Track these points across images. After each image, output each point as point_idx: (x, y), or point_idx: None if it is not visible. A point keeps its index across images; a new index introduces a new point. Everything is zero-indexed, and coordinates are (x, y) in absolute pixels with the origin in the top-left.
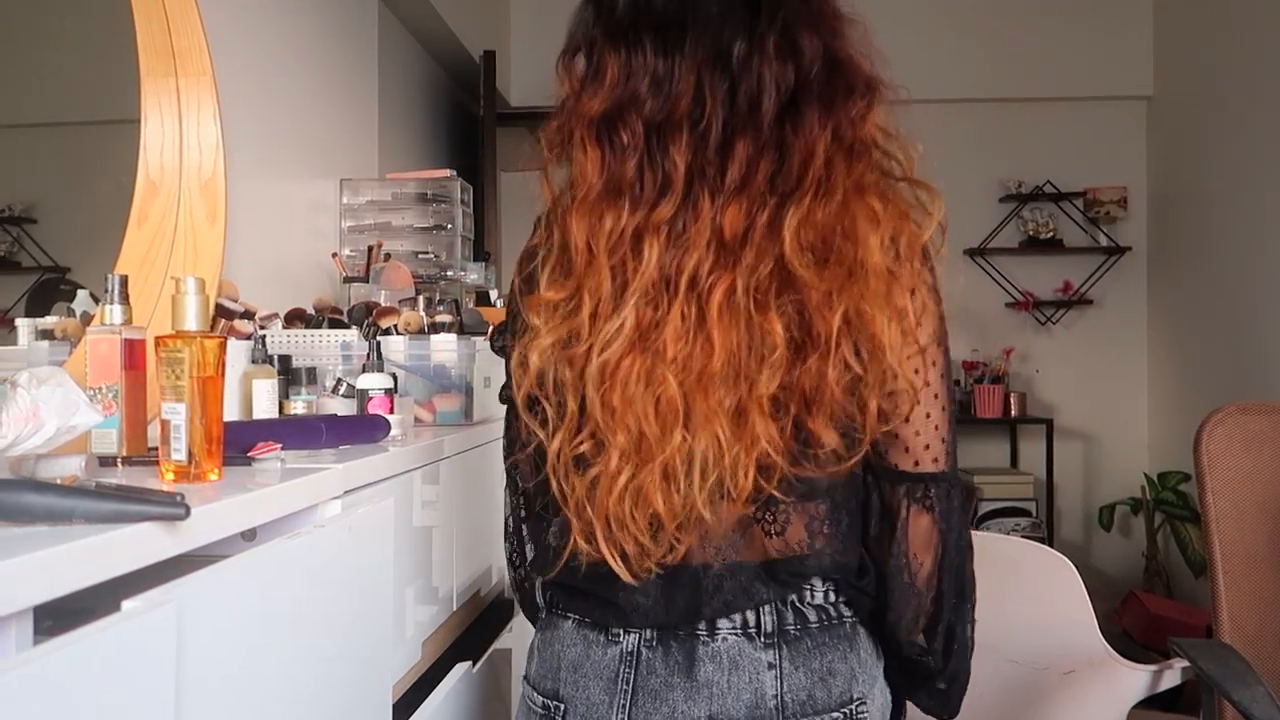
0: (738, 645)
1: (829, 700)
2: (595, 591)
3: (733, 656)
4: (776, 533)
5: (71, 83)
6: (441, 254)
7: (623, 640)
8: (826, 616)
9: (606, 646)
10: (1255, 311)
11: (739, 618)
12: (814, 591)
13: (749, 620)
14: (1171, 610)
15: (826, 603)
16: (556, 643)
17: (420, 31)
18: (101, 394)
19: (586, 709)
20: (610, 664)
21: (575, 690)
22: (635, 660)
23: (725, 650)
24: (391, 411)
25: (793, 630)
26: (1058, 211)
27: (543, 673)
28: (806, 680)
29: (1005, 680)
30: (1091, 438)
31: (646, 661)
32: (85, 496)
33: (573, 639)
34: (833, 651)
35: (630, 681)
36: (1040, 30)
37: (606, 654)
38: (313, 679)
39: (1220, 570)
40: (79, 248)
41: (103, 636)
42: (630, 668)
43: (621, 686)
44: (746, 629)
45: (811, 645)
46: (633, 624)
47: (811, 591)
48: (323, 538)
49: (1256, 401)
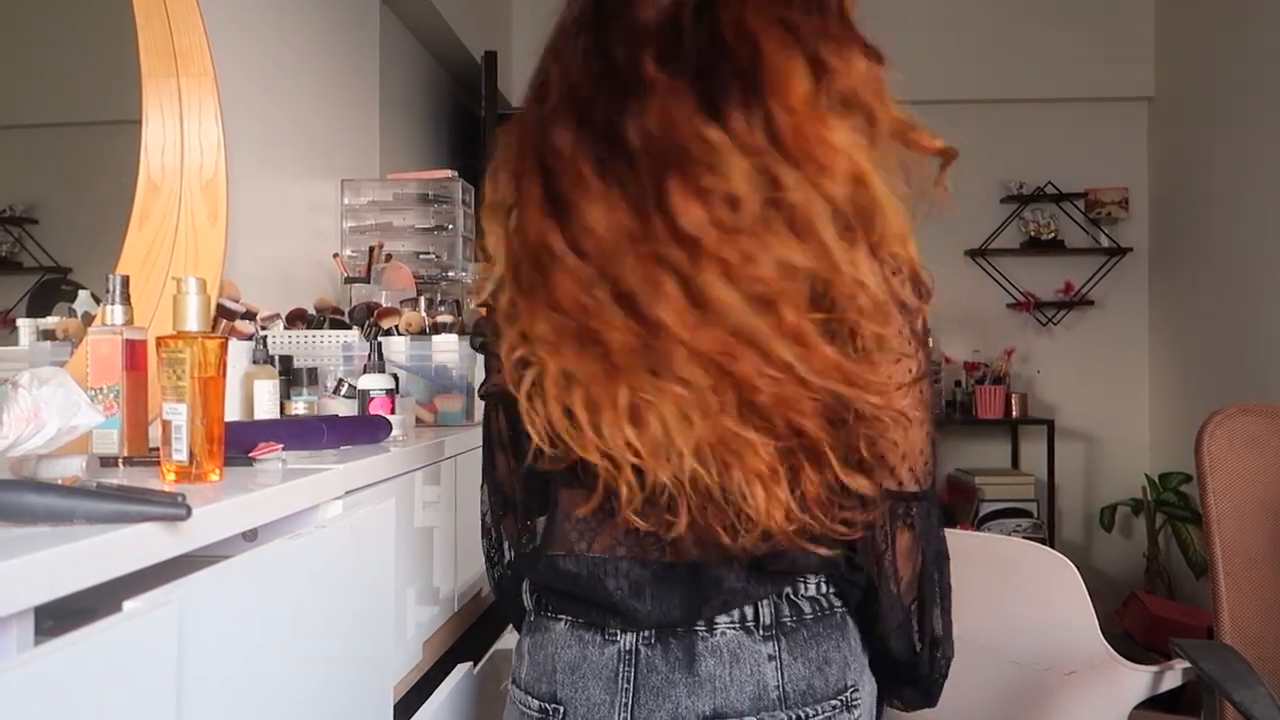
0: (737, 639)
1: (826, 689)
2: (588, 593)
3: (733, 650)
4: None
5: (73, 83)
6: (443, 254)
7: (620, 639)
8: (819, 608)
9: (604, 646)
10: (1256, 312)
11: (737, 612)
12: (807, 584)
13: (746, 614)
14: (1172, 611)
15: (819, 594)
16: (550, 645)
17: (421, 32)
18: (103, 394)
19: (587, 710)
20: (609, 663)
21: (574, 692)
22: (635, 659)
23: (725, 644)
24: (393, 412)
25: (789, 622)
26: (1059, 212)
27: (536, 676)
28: (805, 670)
29: (1006, 681)
30: (1093, 438)
31: (646, 659)
32: (86, 497)
33: (567, 640)
34: (827, 641)
35: (631, 680)
36: (1041, 31)
37: (604, 654)
38: (314, 680)
39: (1221, 571)
40: (80, 248)
41: (104, 637)
42: (630, 666)
43: (622, 685)
44: (745, 622)
45: (807, 636)
46: (630, 625)
47: (805, 584)
48: (324, 538)
49: (1258, 402)
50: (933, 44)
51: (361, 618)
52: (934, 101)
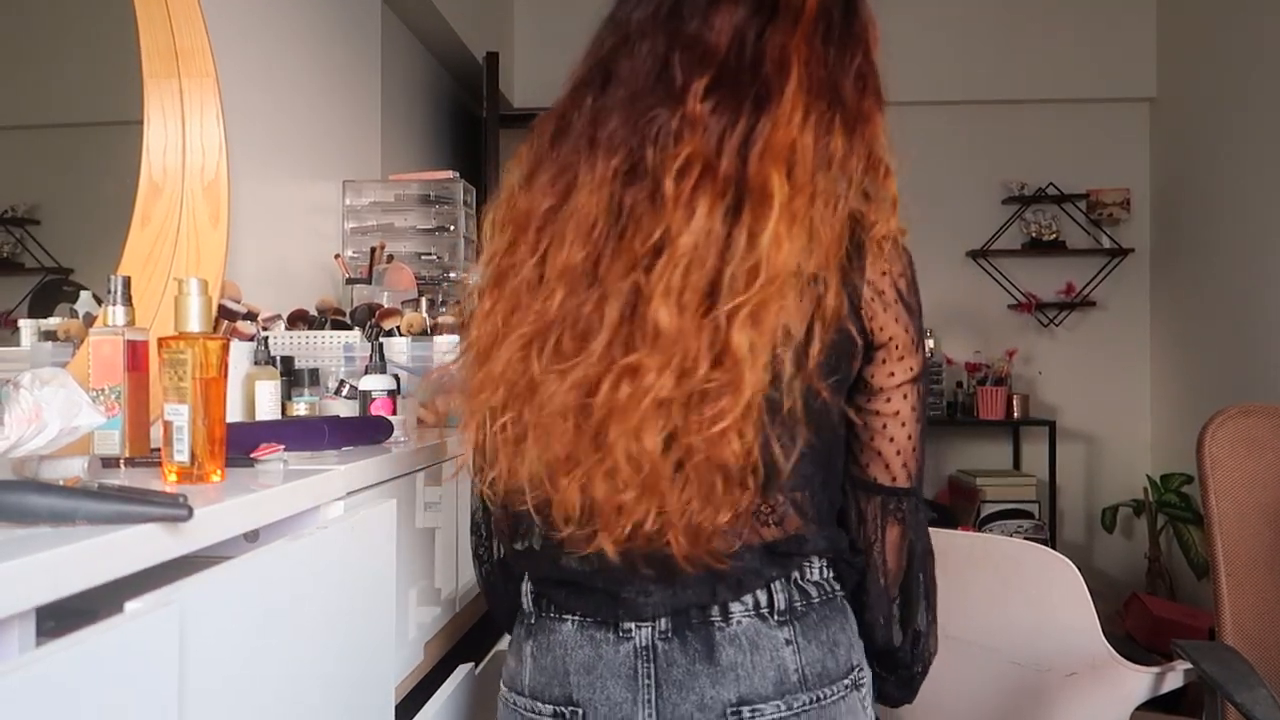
0: (754, 626)
1: (837, 669)
2: (597, 585)
3: (751, 638)
4: (775, 522)
5: (74, 84)
6: (444, 255)
7: (635, 635)
8: (823, 592)
9: (618, 644)
10: (1258, 313)
11: (750, 599)
12: (811, 569)
13: (760, 600)
14: (1174, 612)
15: (822, 579)
16: (558, 647)
17: (423, 33)
18: (104, 395)
19: (609, 709)
20: (626, 661)
21: (592, 692)
22: (652, 654)
23: (743, 632)
24: (394, 413)
25: (799, 606)
26: (1060, 213)
27: (546, 680)
28: (819, 652)
29: (1007, 682)
30: (1094, 439)
31: (665, 654)
32: (88, 498)
33: (577, 641)
34: (834, 624)
35: (652, 675)
36: (1043, 32)
37: (619, 652)
38: (315, 680)
39: (1223, 572)
40: (82, 249)
41: (105, 638)
42: (649, 661)
43: (643, 682)
44: (759, 609)
45: (816, 619)
46: (644, 616)
47: (809, 569)
48: (325, 539)
49: (1259, 404)
50: (935, 45)
51: (363, 618)
52: (935, 102)
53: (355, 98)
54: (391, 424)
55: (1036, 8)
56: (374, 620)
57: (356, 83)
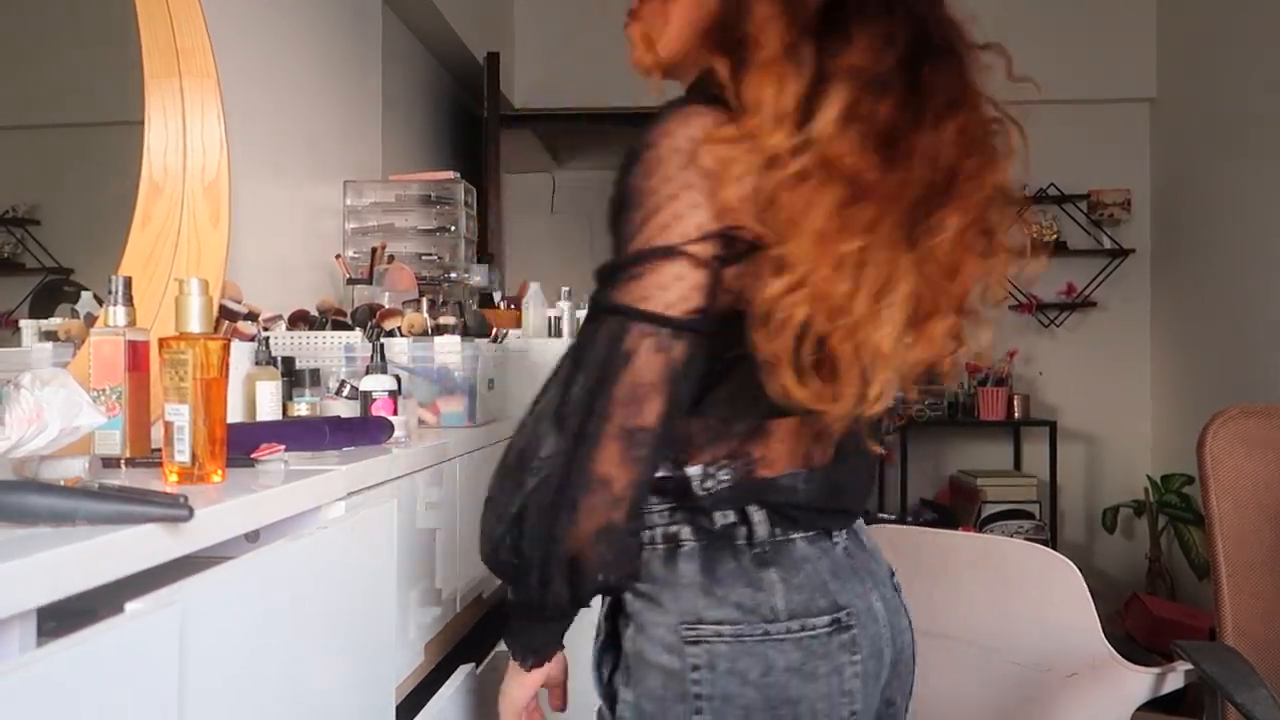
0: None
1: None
2: (831, 503)
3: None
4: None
5: (75, 84)
6: (445, 256)
7: (838, 541)
8: None
9: (832, 550)
10: (1258, 313)
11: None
12: None
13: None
14: (1174, 613)
15: None
16: (805, 562)
17: (424, 33)
18: (105, 395)
19: (865, 606)
20: (845, 562)
21: (851, 596)
22: (850, 554)
23: (859, 529)
24: (395, 413)
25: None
26: (1061, 214)
27: (808, 596)
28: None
29: (1008, 682)
30: (1095, 440)
31: (853, 552)
32: (88, 498)
33: (814, 554)
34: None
35: (856, 570)
36: (1043, 32)
37: (837, 555)
38: (316, 680)
39: (1223, 573)
40: (83, 249)
41: (106, 638)
42: (851, 557)
43: (861, 575)
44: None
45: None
46: (851, 516)
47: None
48: (326, 539)
49: (1260, 404)
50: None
51: (363, 618)
52: None
53: (356, 98)
54: (392, 424)
55: (1036, 9)
56: (374, 620)
57: (357, 83)
